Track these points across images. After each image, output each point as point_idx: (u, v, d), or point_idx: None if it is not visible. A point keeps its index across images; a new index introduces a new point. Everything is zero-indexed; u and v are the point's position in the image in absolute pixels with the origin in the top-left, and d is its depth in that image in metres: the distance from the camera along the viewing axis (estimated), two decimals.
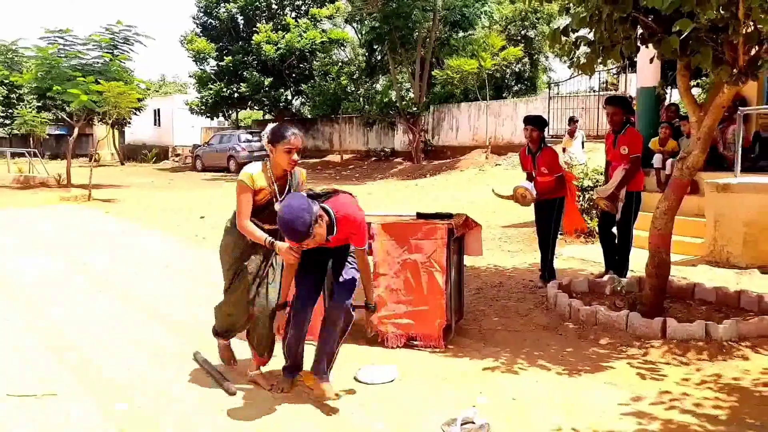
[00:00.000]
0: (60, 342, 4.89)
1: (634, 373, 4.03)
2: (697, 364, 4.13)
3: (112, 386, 3.99)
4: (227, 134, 27.94)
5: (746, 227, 6.54)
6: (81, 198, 15.97)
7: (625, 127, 5.99)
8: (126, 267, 7.61)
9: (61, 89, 17.01)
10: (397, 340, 4.59)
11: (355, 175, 22.52)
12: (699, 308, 5.39)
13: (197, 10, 30.39)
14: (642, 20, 4.46)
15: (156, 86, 51.78)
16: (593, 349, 4.51)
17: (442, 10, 22.46)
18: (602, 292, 5.88)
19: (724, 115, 7.54)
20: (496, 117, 22.45)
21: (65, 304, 5.99)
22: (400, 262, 4.59)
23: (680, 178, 5.02)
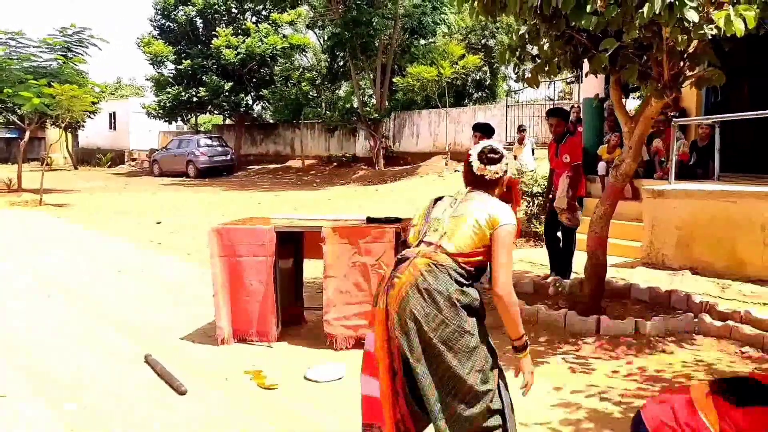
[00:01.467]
0: (9, 344, 4.92)
1: (566, 368, 4.30)
2: (625, 358, 4.43)
3: (62, 387, 4.07)
4: (186, 139, 27.72)
5: (679, 231, 6.93)
6: (32, 202, 15.71)
7: (566, 137, 6.30)
8: (78, 271, 7.61)
9: (12, 92, 16.69)
10: (346, 342, 4.76)
11: (316, 181, 22.63)
12: (634, 307, 5.72)
13: (154, 12, 30.04)
14: (576, 37, 4.76)
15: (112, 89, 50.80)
16: (532, 347, 4.74)
17: (401, 17, 22.81)
18: (546, 292, 6.18)
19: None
20: (455, 124, 22.85)
21: (14, 306, 5.99)
22: (349, 265, 4.76)
23: (615, 185, 5.34)
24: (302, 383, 4.13)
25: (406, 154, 24.24)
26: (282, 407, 3.76)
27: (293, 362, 4.49)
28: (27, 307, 5.99)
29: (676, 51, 4.39)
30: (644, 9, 3.84)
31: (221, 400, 3.87)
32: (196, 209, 14.15)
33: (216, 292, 4.89)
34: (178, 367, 4.40)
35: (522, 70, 5.49)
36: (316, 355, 4.63)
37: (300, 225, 5.15)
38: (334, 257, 4.77)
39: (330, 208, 13.76)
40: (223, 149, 27.08)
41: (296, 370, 4.30)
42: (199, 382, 4.15)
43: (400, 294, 2.48)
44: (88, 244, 9.86)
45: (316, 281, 6.00)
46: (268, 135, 31.45)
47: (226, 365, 4.46)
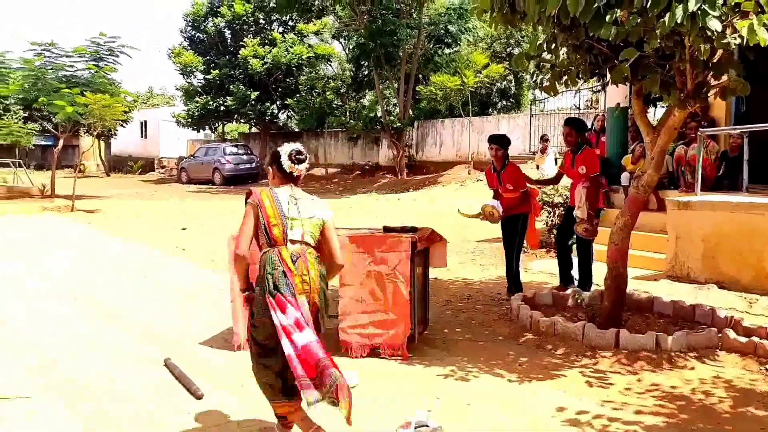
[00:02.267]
0: (31, 346, 5.01)
1: (583, 381, 4.24)
2: (643, 373, 4.35)
3: (80, 389, 4.13)
4: (213, 147, 28.07)
5: (705, 243, 6.79)
6: (64, 208, 16.03)
7: (582, 148, 6.24)
8: (102, 276, 7.73)
9: (47, 101, 17.13)
10: (361, 350, 4.76)
11: (339, 189, 22.71)
12: (656, 321, 5.61)
13: (185, 24, 30.61)
14: (597, 47, 4.71)
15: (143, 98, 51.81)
16: (549, 359, 4.71)
17: (426, 26, 22.87)
18: (566, 304, 6.10)
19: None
20: (479, 133, 22.76)
21: (38, 310, 6.10)
22: (365, 273, 4.77)
23: (636, 196, 5.26)
24: None
25: (428, 163, 24.22)
26: None
27: None
28: (51, 311, 6.10)
29: (700, 60, 4.33)
30: (665, 18, 3.80)
31: (237, 406, 3.89)
32: (221, 216, 14.31)
33: (233, 298, 4.92)
34: (195, 371, 4.44)
35: (540, 78, 5.46)
36: None
37: None
38: (349, 265, 4.76)
39: (351, 216, 13.79)
40: (248, 157, 27.37)
41: None
42: (215, 388, 4.18)
43: (316, 285, 3.31)
44: (113, 250, 10.01)
45: (332, 288, 6.00)
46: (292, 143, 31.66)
47: (243, 371, 4.46)
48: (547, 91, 5.35)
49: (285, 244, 3.25)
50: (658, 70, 4.48)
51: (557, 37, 4.65)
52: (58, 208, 16.17)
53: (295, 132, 32.34)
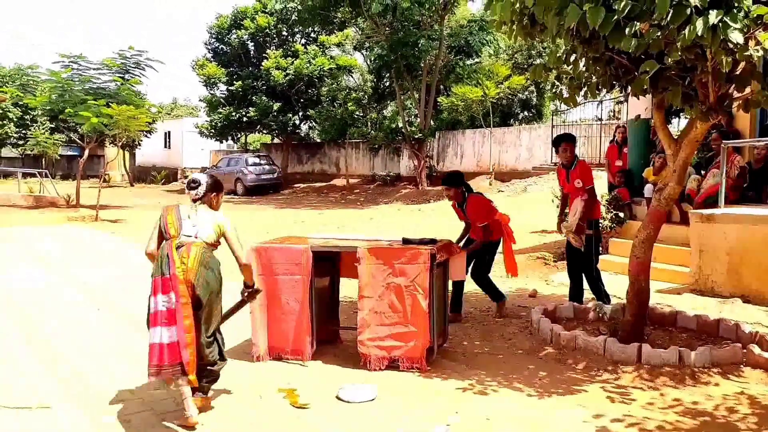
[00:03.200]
0: (56, 356, 5.09)
1: (604, 397, 4.18)
2: (665, 389, 4.28)
3: (103, 399, 4.18)
4: (235, 157, 28.35)
5: (729, 257, 6.69)
6: (89, 218, 16.28)
7: (575, 162, 6.20)
8: (126, 286, 7.83)
9: (73, 112, 17.45)
10: (380, 363, 4.75)
11: (360, 200, 22.77)
12: (679, 335, 5.53)
13: (209, 36, 31.09)
14: (617, 59, 4.69)
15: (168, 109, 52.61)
16: (569, 373, 4.66)
17: (447, 38, 22.93)
18: (587, 318, 6.04)
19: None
20: (500, 144, 22.72)
21: (62, 319, 6.21)
22: (384, 286, 4.77)
23: (658, 209, 5.20)
24: (334, 403, 4.14)
25: None
26: (313, 427, 3.78)
27: (327, 381, 4.51)
28: (75, 321, 6.19)
29: (722, 73, 4.28)
30: (686, 31, 3.78)
31: (254, 418, 3.91)
32: (243, 226, 14.39)
33: (252, 309, 4.96)
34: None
35: (559, 90, 5.45)
36: (350, 375, 4.64)
37: (336, 245, 5.19)
38: (369, 277, 4.78)
39: (372, 227, 13.82)
40: (270, 168, 27.58)
41: (329, 390, 4.32)
42: (234, 399, 4.21)
43: (194, 267, 3.85)
44: (137, 260, 10.13)
45: (352, 300, 6.02)
46: (314, 154, 31.91)
47: (261, 382, 4.51)
48: (566, 102, 5.33)
49: (178, 237, 3.93)
50: (680, 83, 4.44)
51: (577, 49, 4.63)
52: (82, 217, 16.44)
53: (317, 143, 32.58)
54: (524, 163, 21.37)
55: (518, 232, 11.59)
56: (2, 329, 5.86)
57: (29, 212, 17.61)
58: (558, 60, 4.83)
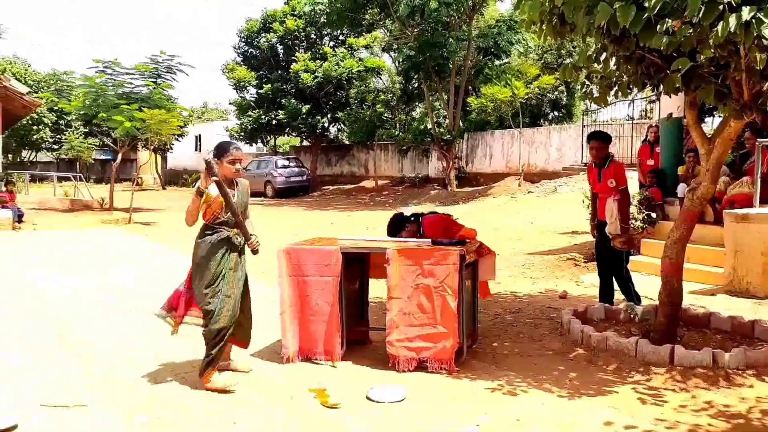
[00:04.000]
0: (91, 356, 5.22)
1: (635, 398, 4.14)
2: (698, 390, 4.21)
3: (136, 399, 4.27)
4: (265, 160, 28.65)
5: (764, 257, 6.55)
6: (122, 221, 16.62)
7: (609, 160, 6.11)
8: (158, 288, 7.95)
9: (106, 116, 17.84)
10: (409, 363, 4.76)
11: (389, 201, 22.80)
12: (713, 337, 5.43)
13: (239, 39, 31.49)
14: (648, 57, 4.64)
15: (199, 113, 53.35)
16: (600, 375, 4.62)
17: (476, 39, 22.83)
18: (618, 319, 5.97)
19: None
20: (529, 144, 22.56)
21: (95, 321, 6.35)
22: (413, 287, 4.78)
23: (691, 209, 5.13)
24: (364, 403, 4.16)
25: (478, 175, 24.11)
26: (343, 426, 3.81)
27: (356, 382, 4.54)
28: (107, 322, 6.33)
29: (756, 70, 4.20)
30: (718, 28, 3.72)
31: (285, 418, 3.95)
32: (272, 228, 14.54)
33: (283, 310, 5.02)
34: (245, 383, 4.55)
35: (589, 89, 5.40)
36: (379, 376, 4.66)
37: (365, 246, 5.23)
38: (398, 278, 4.80)
39: None
40: (299, 170, 27.81)
41: (359, 390, 4.35)
42: (265, 399, 4.26)
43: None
44: (169, 262, 10.32)
45: (381, 301, 6.05)
46: (342, 156, 32.07)
47: (292, 383, 4.56)
48: (597, 102, 5.29)
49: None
50: (713, 80, 4.37)
51: (607, 47, 4.59)
52: (116, 220, 16.78)
53: (346, 145, 32.74)
54: (554, 164, 21.19)
55: (548, 233, 11.58)
56: (39, 330, 6.02)
57: (64, 215, 18.03)
58: (588, 59, 4.79)
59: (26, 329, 6.04)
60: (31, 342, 5.61)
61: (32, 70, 39.69)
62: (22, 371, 4.82)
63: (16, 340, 5.66)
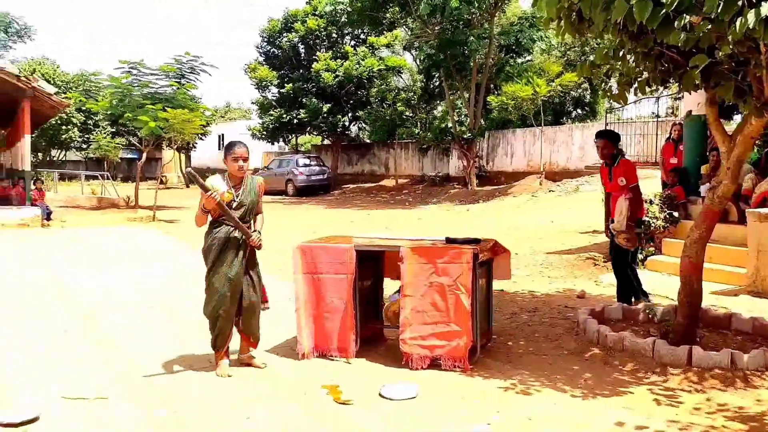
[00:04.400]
0: (113, 351, 5.31)
1: (650, 399, 4.09)
2: (714, 392, 4.15)
3: (156, 393, 4.34)
4: (286, 158, 28.81)
5: None
6: (146, 219, 16.85)
7: (618, 159, 6.08)
8: (179, 285, 8.07)
9: (132, 116, 18.10)
10: (422, 361, 4.76)
11: (409, 200, 22.79)
12: (734, 338, 5.35)
13: (261, 39, 31.69)
14: (667, 54, 4.57)
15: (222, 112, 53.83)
16: (615, 375, 4.57)
17: (497, 36, 22.69)
18: (637, 319, 5.90)
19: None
20: (551, 143, 22.37)
21: (118, 316, 6.45)
22: (427, 285, 4.78)
23: (711, 208, 5.05)
24: (376, 400, 4.17)
25: (499, 174, 23.99)
26: (354, 423, 3.83)
27: (369, 379, 4.55)
28: (131, 318, 6.43)
29: None
30: (737, 24, 3.65)
31: (298, 413, 3.98)
32: (293, 226, 14.65)
33: (298, 307, 5.06)
34: (260, 378, 4.59)
35: (609, 86, 5.35)
36: (393, 373, 4.67)
37: (380, 244, 5.24)
38: (411, 276, 4.81)
39: (420, 227, 13.82)
40: (320, 168, 27.92)
41: (372, 387, 4.36)
42: (279, 395, 4.30)
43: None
44: (190, 260, 10.43)
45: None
46: (363, 155, 32.12)
47: (306, 379, 4.59)
48: (616, 99, 5.24)
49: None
50: (733, 77, 4.29)
51: (625, 44, 4.54)
52: (140, 218, 17.02)
53: (366, 143, 32.79)
54: (576, 163, 20.98)
55: (568, 232, 11.48)
56: (64, 325, 6.13)
57: (91, 213, 18.35)
58: (605, 56, 4.74)
59: (51, 324, 6.17)
60: (55, 336, 5.73)
61: (61, 70, 40.36)
62: (46, 365, 4.93)
63: (41, 335, 5.78)
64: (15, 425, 3.70)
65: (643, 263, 8.22)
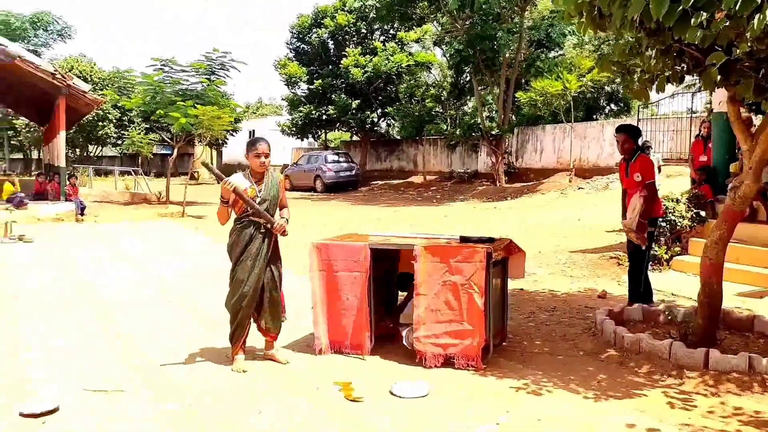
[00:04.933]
0: (130, 345, 5.44)
1: (664, 402, 4.03)
2: (730, 396, 4.08)
3: (170, 387, 4.43)
4: (315, 155, 28.97)
5: None
6: (176, 214, 17.14)
7: (636, 154, 5.97)
8: (207, 283, 8.19)
9: (164, 112, 18.42)
10: (435, 360, 4.77)
11: (436, 197, 22.74)
12: (757, 341, 5.23)
13: (291, 36, 31.89)
14: (687, 51, 4.49)
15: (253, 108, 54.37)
16: (630, 377, 4.52)
17: (527, 30, 22.43)
18: (657, 320, 5.82)
19: None
20: (581, 139, 22.06)
21: (138, 312, 6.59)
22: (440, 283, 4.79)
23: (732, 208, 4.95)
24: (387, 398, 4.20)
25: (528, 171, 23.75)
26: (362, 419, 3.86)
27: (382, 376, 4.58)
28: (150, 312, 6.57)
29: None
30: (755, 20, 3.57)
31: (308, 409, 4.03)
32: (319, 223, 14.75)
33: (314, 304, 5.12)
34: (275, 373, 4.66)
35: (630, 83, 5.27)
36: (406, 371, 4.69)
37: (394, 242, 5.26)
38: (425, 275, 4.82)
39: (445, 224, 13.79)
40: (348, 165, 28.00)
41: (384, 385, 4.39)
42: (292, 389, 4.36)
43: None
44: (216, 256, 10.59)
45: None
46: (392, 151, 32.11)
47: (320, 375, 4.64)
48: (637, 96, 5.16)
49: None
50: (752, 75, 4.20)
51: (642, 41, 4.47)
52: (171, 213, 17.32)
53: (395, 140, 32.77)
54: (607, 159, 20.66)
55: (594, 230, 11.33)
56: (85, 320, 6.28)
57: (124, 208, 18.73)
58: (622, 54, 4.68)
59: (72, 317, 6.33)
60: (77, 330, 5.88)
61: (98, 68, 41.21)
62: (66, 358, 5.07)
63: (62, 328, 5.94)
64: (35, 416, 3.82)
65: (668, 263, 8.09)
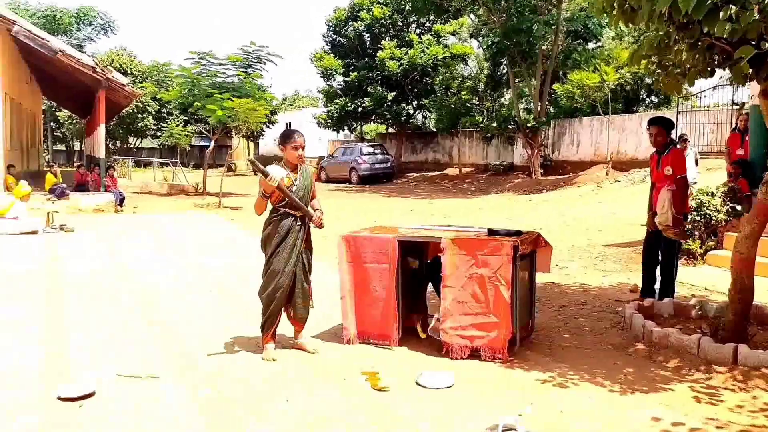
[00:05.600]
0: (169, 332, 5.64)
1: (690, 397, 4.03)
2: (759, 391, 4.04)
3: (204, 373, 4.59)
4: (350, 147, 29.18)
5: None
6: (212, 205, 17.50)
7: (669, 148, 5.89)
8: (238, 271, 8.40)
9: (201, 105, 18.80)
10: (462, 351, 4.84)
11: (471, 189, 22.70)
12: None
13: (327, 29, 32.11)
14: (717, 44, 4.43)
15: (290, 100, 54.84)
16: (658, 371, 4.52)
17: (564, 22, 22.14)
18: (689, 315, 5.77)
19: None
20: (619, 132, 21.72)
21: (177, 300, 6.80)
22: (467, 276, 4.84)
23: (764, 202, 4.87)
24: (412, 388, 4.29)
25: (564, 163, 23.49)
26: (388, 409, 3.95)
27: (409, 367, 4.67)
28: (187, 301, 6.78)
29: None
30: None
31: (335, 397, 4.14)
32: (354, 214, 14.89)
33: (343, 295, 5.23)
34: (304, 362, 4.79)
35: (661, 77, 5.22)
36: (432, 362, 4.77)
37: (422, 235, 5.33)
38: (452, 268, 4.88)
39: (480, 216, 13.78)
40: (383, 157, 28.13)
41: (410, 375, 4.47)
42: (320, 378, 4.48)
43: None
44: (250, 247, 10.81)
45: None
46: (427, 143, 32.10)
47: (348, 364, 4.75)
48: (668, 90, 5.12)
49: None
50: None
51: (671, 35, 4.43)
52: (207, 204, 17.69)
53: (431, 132, 32.75)
54: (645, 152, 20.23)
55: (629, 224, 11.20)
56: (126, 308, 6.52)
57: (162, 199, 19.22)
58: (651, 47, 4.64)
59: (112, 305, 6.58)
60: (118, 317, 6.12)
61: (137, 61, 42.15)
62: (107, 344, 5.28)
63: (102, 315, 6.17)
64: (72, 399, 4.02)
65: (702, 258, 7.98)
